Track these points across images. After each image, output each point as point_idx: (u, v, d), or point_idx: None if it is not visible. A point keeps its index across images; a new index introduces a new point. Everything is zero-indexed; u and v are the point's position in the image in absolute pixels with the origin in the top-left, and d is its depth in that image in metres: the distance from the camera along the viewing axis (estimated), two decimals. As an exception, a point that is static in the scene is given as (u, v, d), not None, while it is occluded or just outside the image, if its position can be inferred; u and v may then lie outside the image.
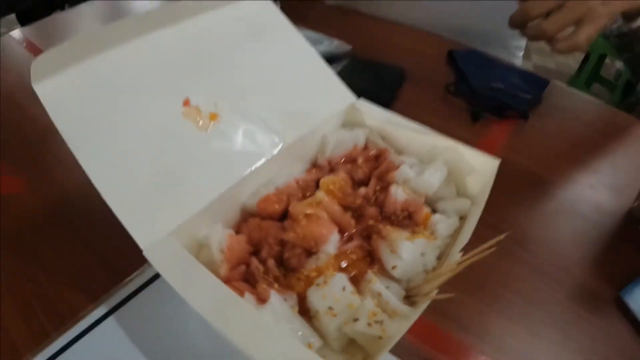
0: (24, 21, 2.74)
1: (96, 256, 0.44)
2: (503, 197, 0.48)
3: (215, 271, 0.32)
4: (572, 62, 3.27)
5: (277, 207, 0.39)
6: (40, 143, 0.58)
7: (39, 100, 0.32)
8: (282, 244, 0.37)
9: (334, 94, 0.49)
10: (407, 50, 0.80)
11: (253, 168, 0.39)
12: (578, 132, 0.70)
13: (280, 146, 0.42)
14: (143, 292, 0.41)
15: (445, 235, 0.39)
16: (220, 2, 0.44)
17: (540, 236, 0.53)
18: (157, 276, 0.42)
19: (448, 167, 0.44)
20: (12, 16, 2.28)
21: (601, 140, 0.68)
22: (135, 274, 0.42)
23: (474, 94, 0.69)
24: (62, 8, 2.46)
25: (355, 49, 0.73)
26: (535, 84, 0.75)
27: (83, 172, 0.32)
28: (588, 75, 2.91)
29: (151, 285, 0.41)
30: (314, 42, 0.67)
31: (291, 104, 0.44)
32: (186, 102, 0.38)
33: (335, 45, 0.70)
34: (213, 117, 0.39)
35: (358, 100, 0.50)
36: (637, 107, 2.75)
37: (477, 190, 0.44)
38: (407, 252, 0.36)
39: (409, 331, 0.30)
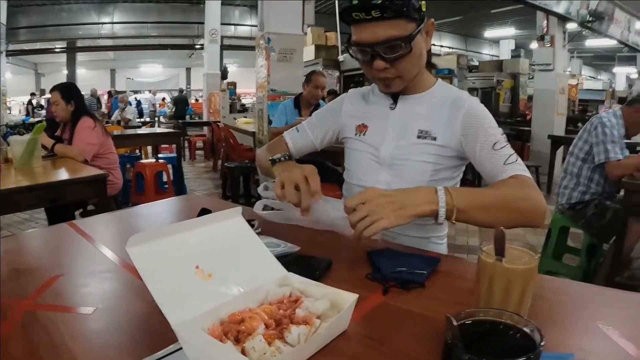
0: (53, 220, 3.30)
1: None
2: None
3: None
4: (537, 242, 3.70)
5: (238, 317, 0.82)
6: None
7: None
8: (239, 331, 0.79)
9: (275, 271, 0.96)
10: (339, 248, 1.19)
11: (230, 298, 0.84)
12: (462, 291, 0.95)
13: (243, 291, 0.87)
14: None
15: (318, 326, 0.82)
16: (214, 220, 0.95)
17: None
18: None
19: (331, 301, 0.87)
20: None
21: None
22: None
23: (384, 277, 0.98)
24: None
25: (302, 249, 1.15)
26: (430, 262, 1.05)
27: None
28: (554, 248, 3.30)
29: None
30: (275, 245, 1.16)
31: (251, 274, 0.91)
32: (197, 267, 0.85)
33: (288, 246, 1.15)
34: (209, 275, 0.86)
35: (289, 273, 0.96)
36: (603, 268, 3.11)
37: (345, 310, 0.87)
38: (295, 332, 0.78)
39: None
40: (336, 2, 9.82)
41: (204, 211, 1.30)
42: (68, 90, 3.58)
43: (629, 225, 2.79)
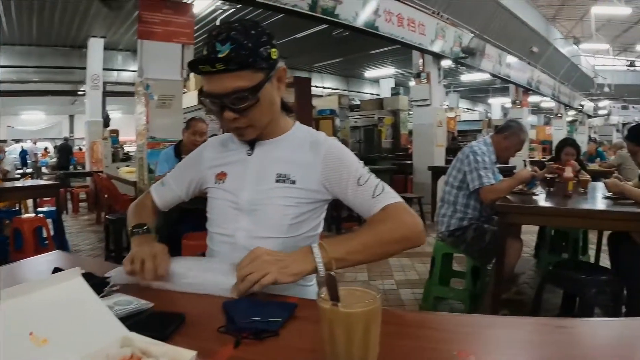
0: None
1: None
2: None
3: None
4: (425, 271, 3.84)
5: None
6: None
7: None
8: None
9: (117, 331, 0.85)
10: (193, 302, 1.13)
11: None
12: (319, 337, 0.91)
13: (81, 355, 0.76)
14: None
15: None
16: (51, 282, 0.83)
17: None
18: None
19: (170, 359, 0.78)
20: None
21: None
22: None
23: (237, 329, 0.96)
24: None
25: (156, 305, 1.06)
26: (286, 309, 1.02)
27: None
28: (439, 274, 3.39)
29: None
30: (127, 303, 1.07)
31: (91, 337, 0.80)
32: (31, 333, 0.75)
33: (141, 303, 1.07)
34: (44, 341, 0.75)
35: (130, 333, 0.85)
36: (489, 287, 3.24)
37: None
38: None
39: None
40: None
41: (57, 271, 1.17)
42: None
43: (508, 245, 2.93)
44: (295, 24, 7.72)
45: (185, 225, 3.46)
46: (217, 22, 9.42)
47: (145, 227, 1.39)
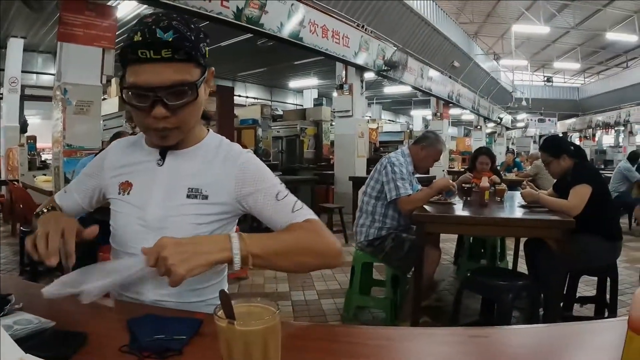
0: None
1: None
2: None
3: None
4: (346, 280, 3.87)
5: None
6: None
7: None
8: None
9: (11, 353, 0.76)
10: (97, 320, 1.03)
11: None
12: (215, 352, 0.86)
13: None
14: None
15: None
16: None
17: None
18: None
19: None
20: None
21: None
22: None
23: (140, 347, 0.91)
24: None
25: (58, 324, 0.97)
26: (191, 325, 0.99)
27: None
28: (360, 284, 3.40)
29: None
30: (28, 322, 0.97)
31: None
32: None
33: (42, 322, 0.96)
34: None
35: (26, 355, 0.76)
36: (410, 295, 3.28)
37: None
38: None
39: None
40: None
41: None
42: None
43: (426, 254, 2.96)
44: (221, 31, 7.56)
45: (102, 236, 3.26)
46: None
47: (50, 207, 1.29)
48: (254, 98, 17.68)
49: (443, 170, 12.78)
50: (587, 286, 4.06)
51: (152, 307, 1.15)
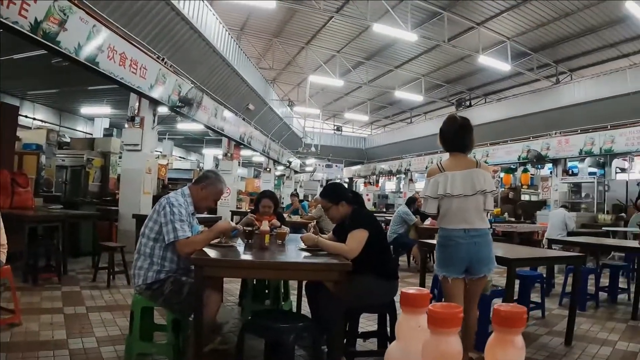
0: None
1: None
2: None
3: None
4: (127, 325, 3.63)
5: None
6: None
7: None
8: None
9: None
10: None
11: None
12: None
13: None
14: None
15: None
16: None
17: None
18: None
19: None
20: None
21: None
22: None
23: None
24: None
25: None
26: None
27: None
28: (140, 329, 3.19)
29: None
30: None
31: None
32: None
33: None
34: None
35: None
36: (191, 340, 3.15)
37: None
38: None
39: None
40: None
41: None
42: None
43: (206, 297, 2.89)
44: (14, 42, 6.55)
45: None
46: None
47: None
48: (42, 121, 15.78)
49: (231, 211, 12.96)
50: (369, 321, 4.35)
51: None
